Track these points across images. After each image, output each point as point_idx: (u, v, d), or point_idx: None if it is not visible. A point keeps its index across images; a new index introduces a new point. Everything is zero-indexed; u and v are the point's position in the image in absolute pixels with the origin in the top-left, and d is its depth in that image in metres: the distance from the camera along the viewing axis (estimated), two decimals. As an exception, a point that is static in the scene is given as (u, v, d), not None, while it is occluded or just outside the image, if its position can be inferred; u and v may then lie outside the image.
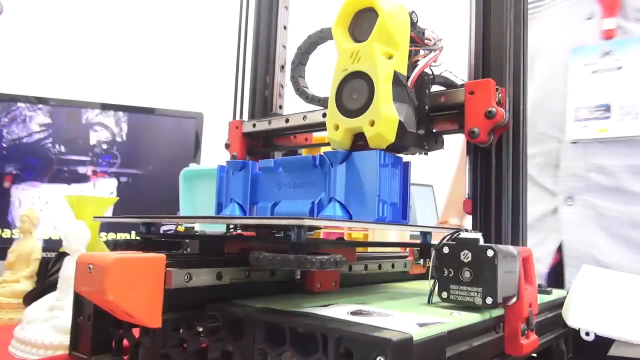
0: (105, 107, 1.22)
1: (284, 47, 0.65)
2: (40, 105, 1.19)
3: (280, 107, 0.64)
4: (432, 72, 0.46)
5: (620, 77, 0.73)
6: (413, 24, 0.44)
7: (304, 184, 0.46)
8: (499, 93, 0.43)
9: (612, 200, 0.73)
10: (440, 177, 1.40)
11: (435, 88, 0.47)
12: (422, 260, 0.58)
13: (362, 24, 0.44)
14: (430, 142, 0.46)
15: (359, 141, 0.43)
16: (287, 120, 0.56)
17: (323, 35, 0.54)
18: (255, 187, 0.50)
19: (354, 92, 0.42)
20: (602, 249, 0.74)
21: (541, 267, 0.80)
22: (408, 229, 0.44)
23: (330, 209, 0.42)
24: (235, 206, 0.50)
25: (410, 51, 0.44)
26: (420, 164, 0.53)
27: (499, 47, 0.45)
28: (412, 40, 0.44)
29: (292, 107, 0.63)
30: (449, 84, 0.47)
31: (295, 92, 0.58)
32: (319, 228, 0.65)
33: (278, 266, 0.32)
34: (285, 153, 0.62)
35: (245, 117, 0.62)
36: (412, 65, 0.44)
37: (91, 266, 0.31)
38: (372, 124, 0.41)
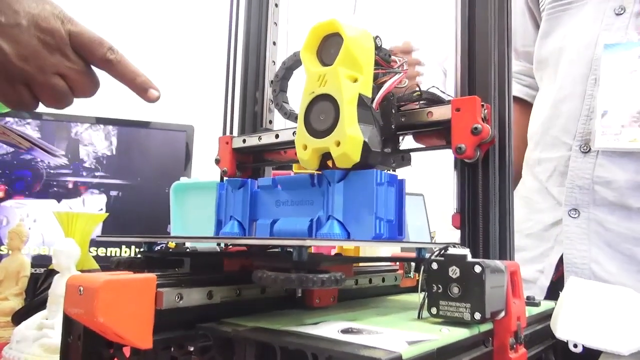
0: (95, 120, 1.22)
1: (274, 62, 0.65)
2: (29, 120, 1.18)
3: (270, 122, 0.65)
4: (420, 89, 0.47)
5: None
6: (378, 48, 0.46)
7: (303, 202, 0.47)
8: (484, 109, 0.44)
9: (618, 216, 0.68)
10: (431, 186, 1.41)
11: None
12: (411, 273, 0.58)
13: (329, 48, 0.45)
14: (397, 159, 0.48)
15: (327, 160, 0.44)
16: (277, 136, 0.57)
17: (297, 58, 0.55)
18: (254, 204, 0.51)
19: (321, 114, 0.43)
20: (604, 265, 0.69)
21: (545, 280, 0.75)
22: (406, 245, 0.45)
23: (329, 226, 0.43)
24: (234, 223, 0.51)
25: (376, 74, 0.45)
26: (411, 173, 0.53)
27: (484, 64, 0.46)
28: (377, 63, 0.46)
29: (282, 122, 0.63)
30: (436, 100, 0.47)
31: (275, 107, 0.59)
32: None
33: (281, 285, 0.33)
34: (276, 168, 0.63)
35: (235, 132, 0.63)
36: (377, 87, 0.46)
37: (81, 288, 0.31)
38: (338, 144, 0.42)
